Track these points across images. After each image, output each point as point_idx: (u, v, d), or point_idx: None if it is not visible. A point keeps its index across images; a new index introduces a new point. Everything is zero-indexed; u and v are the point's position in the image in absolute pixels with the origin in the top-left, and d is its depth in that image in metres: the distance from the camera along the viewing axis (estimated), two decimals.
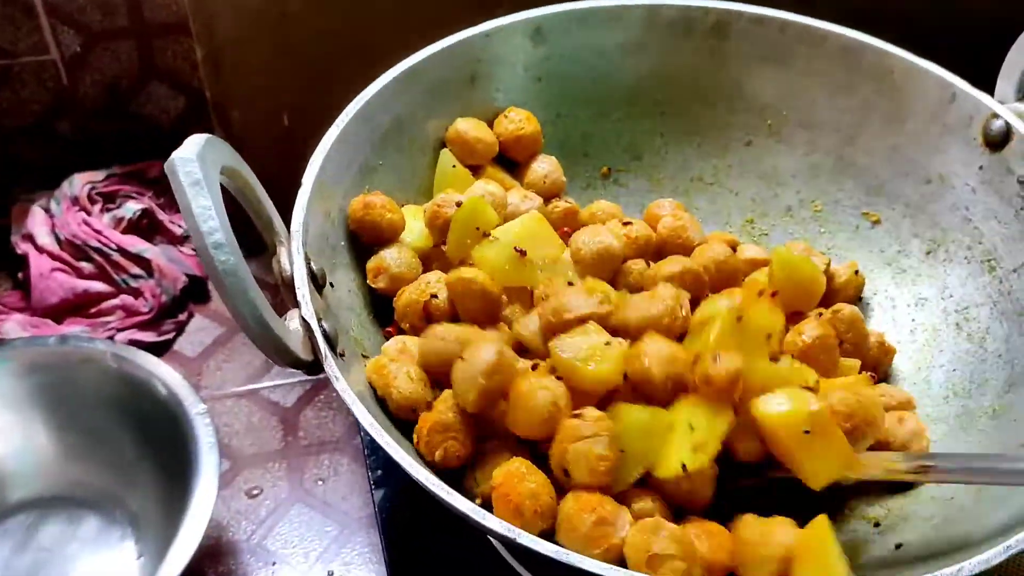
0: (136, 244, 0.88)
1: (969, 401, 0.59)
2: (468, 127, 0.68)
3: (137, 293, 0.87)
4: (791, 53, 0.71)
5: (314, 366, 0.47)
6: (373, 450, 0.71)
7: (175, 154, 0.40)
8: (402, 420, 0.54)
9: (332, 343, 0.49)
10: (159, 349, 0.86)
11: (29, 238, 0.88)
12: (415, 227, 0.63)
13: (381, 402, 0.54)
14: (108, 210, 0.91)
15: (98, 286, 0.86)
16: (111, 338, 0.84)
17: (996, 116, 0.63)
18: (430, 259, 0.63)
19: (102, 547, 0.71)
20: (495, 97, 0.70)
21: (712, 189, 0.76)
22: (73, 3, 0.86)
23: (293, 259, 0.50)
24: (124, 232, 0.90)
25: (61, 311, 0.86)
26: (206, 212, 0.40)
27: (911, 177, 0.69)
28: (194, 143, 0.42)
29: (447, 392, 0.53)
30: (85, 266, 0.87)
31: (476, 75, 0.69)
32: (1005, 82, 0.65)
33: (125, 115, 0.95)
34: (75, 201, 0.90)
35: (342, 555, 0.72)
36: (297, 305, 0.48)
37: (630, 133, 0.75)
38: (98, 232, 0.88)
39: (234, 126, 0.89)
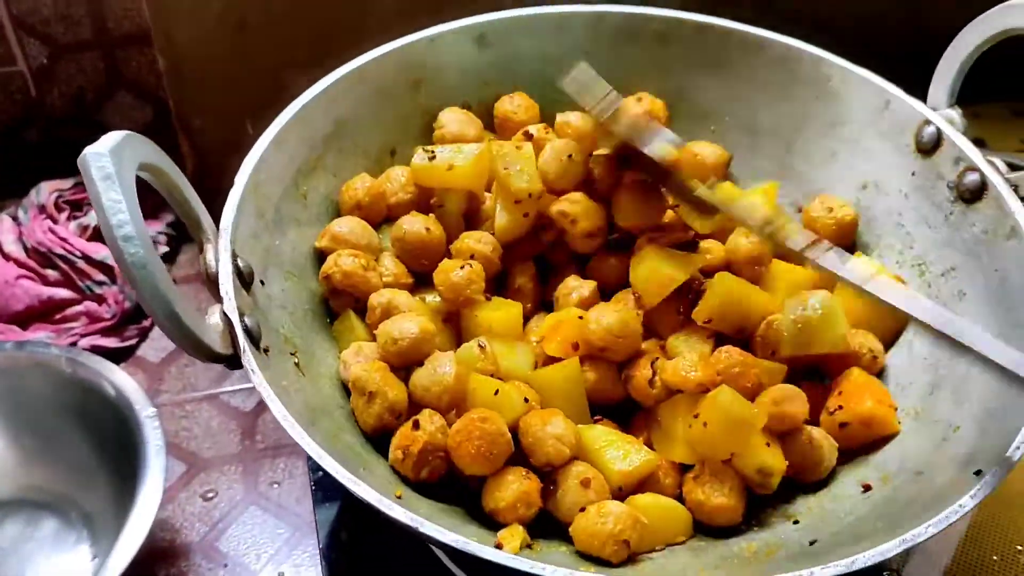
0: (100, 251, 0.89)
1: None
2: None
3: (100, 299, 0.88)
4: (732, 60, 0.72)
5: (233, 360, 0.48)
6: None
7: (88, 148, 0.42)
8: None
9: (254, 338, 0.50)
10: (122, 355, 0.87)
11: None
12: None
13: None
14: (75, 218, 0.92)
15: (63, 293, 0.88)
16: (74, 344, 0.85)
17: (928, 122, 0.64)
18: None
19: (58, 548, 0.72)
20: (438, 100, 0.71)
21: None
22: (38, 15, 0.88)
23: (219, 255, 0.51)
24: (89, 239, 0.91)
25: (27, 318, 0.87)
26: (116, 205, 0.41)
27: (847, 182, 0.70)
28: (110, 139, 0.43)
29: (430, 412, 0.55)
30: (51, 273, 0.89)
31: (421, 79, 0.70)
32: (937, 88, 0.65)
33: (92, 124, 0.97)
34: (42, 209, 0.92)
35: (293, 557, 0.72)
36: (220, 300, 0.49)
37: None
38: (63, 239, 0.89)
39: (197, 134, 0.91)
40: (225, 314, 0.48)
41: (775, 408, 0.56)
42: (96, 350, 0.84)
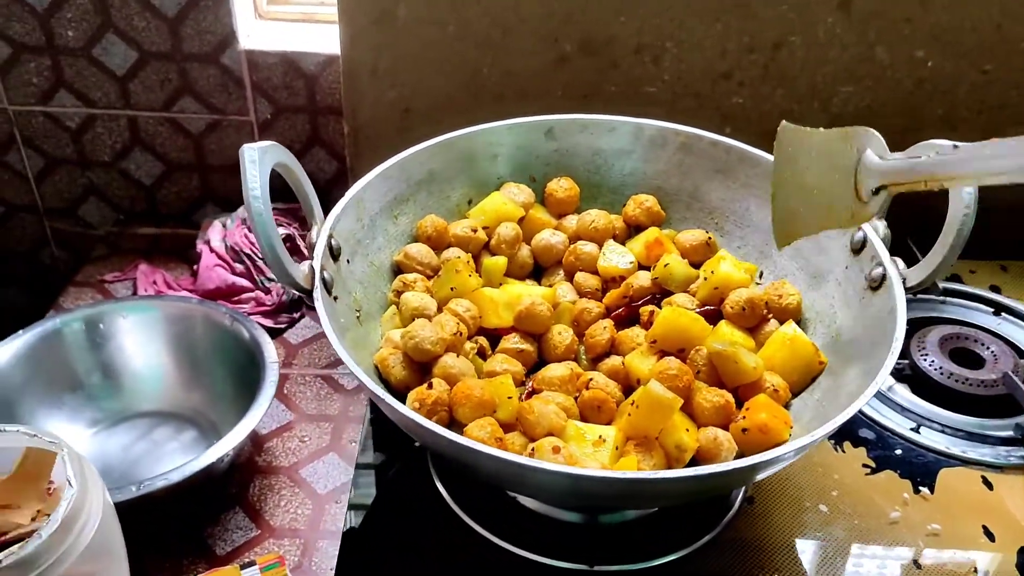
0: None
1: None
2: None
3: (267, 291, 1.18)
4: (735, 170, 0.93)
5: (308, 293, 0.74)
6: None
7: (246, 145, 0.69)
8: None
9: (327, 286, 0.76)
10: (273, 334, 1.14)
11: (207, 242, 1.22)
12: None
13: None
14: None
15: (242, 282, 1.18)
16: None
17: (859, 228, 0.82)
18: None
19: (192, 450, 0.97)
20: (511, 171, 0.96)
21: None
22: (270, 83, 1.20)
23: (320, 233, 0.78)
24: None
25: (214, 295, 1.17)
26: (254, 178, 0.68)
27: (804, 271, 0.88)
28: (260, 144, 0.70)
29: (439, 380, 0.77)
30: (238, 266, 1.19)
31: (498, 155, 0.96)
32: None
33: None
34: (243, 221, 1.24)
35: (350, 492, 0.95)
36: (312, 258, 0.76)
37: None
38: (252, 244, 1.21)
39: None
40: (311, 266, 0.75)
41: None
42: None
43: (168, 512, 0.89)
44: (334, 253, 0.80)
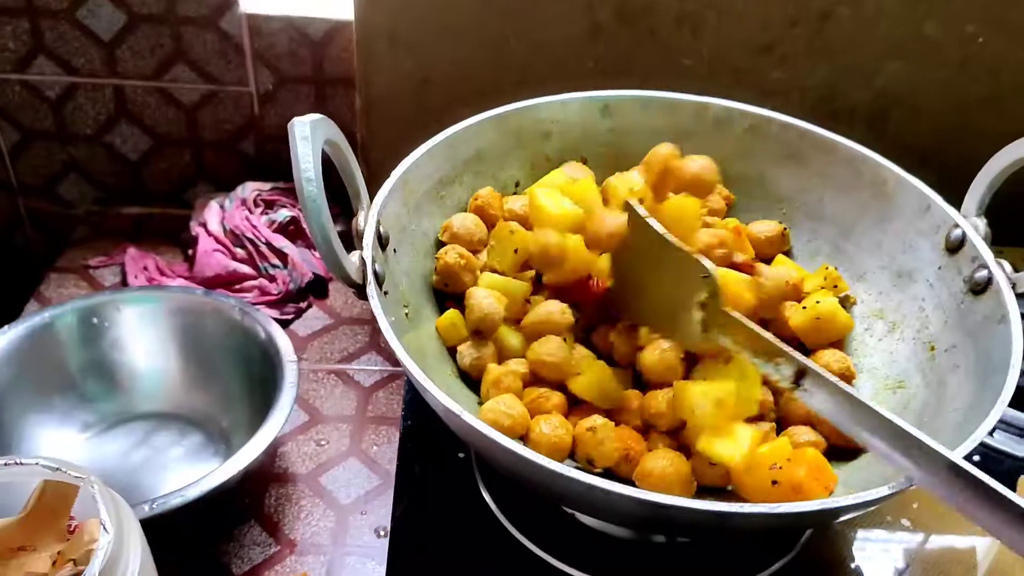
0: (280, 241, 1.10)
1: None
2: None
3: (272, 279, 1.08)
4: (807, 157, 0.85)
5: (361, 289, 0.65)
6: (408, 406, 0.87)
7: (295, 119, 0.60)
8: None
9: (379, 280, 0.67)
10: (280, 325, 1.05)
11: (203, 224, 1.12)
12: None
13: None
14: (266, 213, 1.13)
15: (244, 268, 1.08)
16: None
17: (957, 226, 0.76)
18: None
19: (197, 457, 0.88)
20: (561, 152, 0.88)
21: None
22: (273, 51, 1.10)
23: (368, 219, 0.69)
24: (274, 231, 1.12)
25: (213, 283, 1.08)
26: (306, 156, 0.59)
27: (887, 270, 0.81)
28: (311, 116, 0.61)
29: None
30: (239, 252, 1.09)
31: (550, 132, 0.87)
32: (970, 199, 0.77)
33: None
34: (243, 202, 1.14)
35: (376, 503, 0.86)
36: (361, 248, 0.67)
37: None
38: (254, 227, 1.11)
39: (374, 164, 1.12)
40: (362, 257, 0.66)
41: None
42: None
43: (175, 527, 0.80)
44: (382, 242, 0.71)
